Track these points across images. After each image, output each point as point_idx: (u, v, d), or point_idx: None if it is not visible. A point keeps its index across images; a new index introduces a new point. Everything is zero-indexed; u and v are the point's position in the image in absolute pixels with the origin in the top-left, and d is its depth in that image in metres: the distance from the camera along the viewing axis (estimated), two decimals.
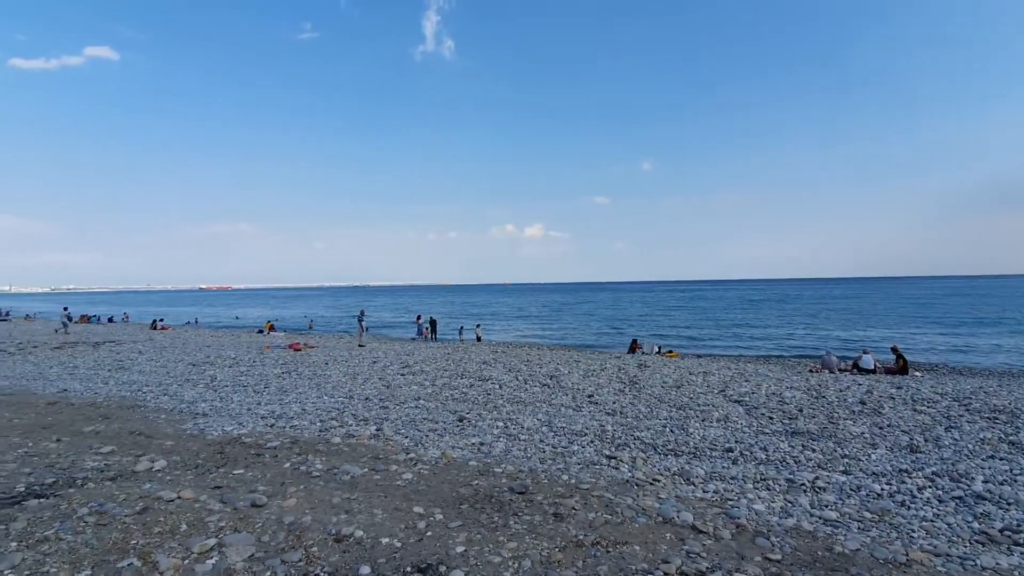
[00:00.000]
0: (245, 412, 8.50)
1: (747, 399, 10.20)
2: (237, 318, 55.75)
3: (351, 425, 7.73)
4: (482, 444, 6.89)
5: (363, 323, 24.91)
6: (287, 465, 5.51)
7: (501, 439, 7.19)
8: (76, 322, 35.96)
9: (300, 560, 3.36)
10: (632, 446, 7.01)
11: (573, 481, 5.29)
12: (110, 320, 42.20)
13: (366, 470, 5.39)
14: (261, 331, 32.05)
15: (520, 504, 4.49)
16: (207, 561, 3.30)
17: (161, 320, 35.52)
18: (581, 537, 3.83)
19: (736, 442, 7.17)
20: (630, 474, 5.72)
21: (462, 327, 30.45)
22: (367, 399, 9.87)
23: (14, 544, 3.55)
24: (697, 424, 8.21)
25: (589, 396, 10.46)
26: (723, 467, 6.11)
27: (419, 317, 31.86)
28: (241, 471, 5.26)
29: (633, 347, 23.48)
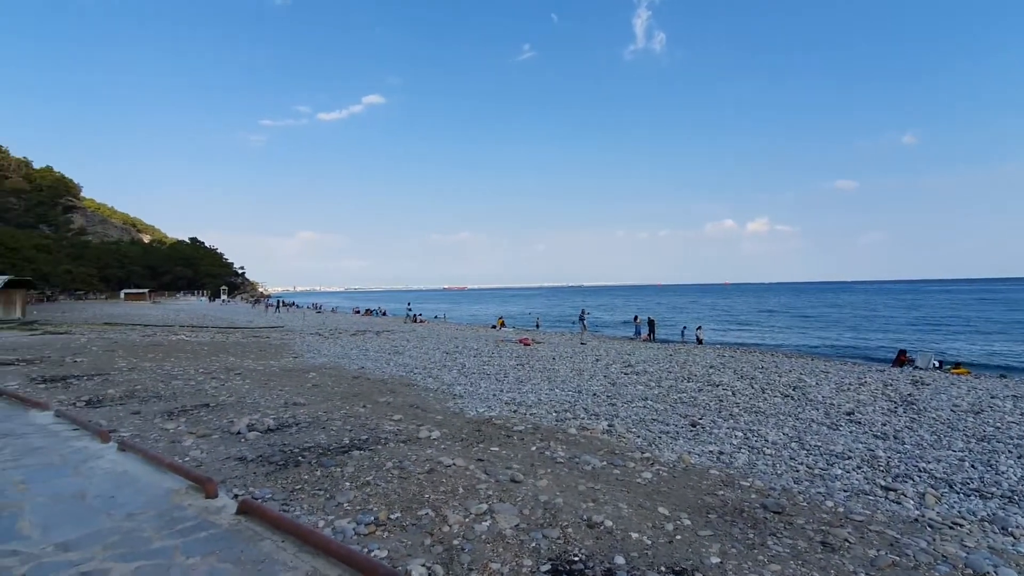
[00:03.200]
0: (492, 397, 9.61)
1: None
2: (474, 315, 63.23)
3: (583, 418, 8.09)
4: (721, 453, 6.52)
5: (584, 322, 25.78)
6: (533, 448, 6.05)
7: (742, 450, 6.69)
8: (362, 315, 45.47)
9: (559, 538, 3.66)
10: (916, 479, 5.80)
11: (841, 509, 4.62)
12: (384, 313, 52.18)
13: (605, 463, 5.58)
14: (494, 326, 35.75)
15: (777, 524, 4.12)
16: (483, 523, 3.84)
17: (419, 314, 42.50)
18: (862, 575, 3.33)
19: None
20: (918, 512, 4.75)
21: (684, 328, 29.12)
22: (595, 395, 10.20)
23: (347, 484, 4.66)
24: (1011, 461, 6.39)
25: (848, 414, 8.99)
26: None
27: (636, 317, 31.56)
28: (496, 449, 5.96)
29: (900, 359, 19.31)
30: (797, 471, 5.89)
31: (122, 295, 79.31)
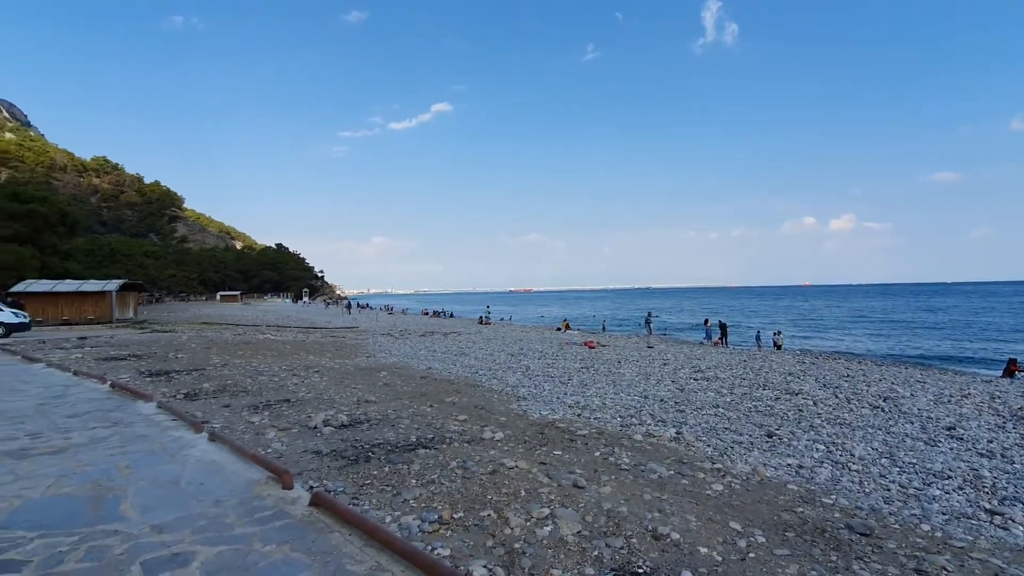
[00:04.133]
0: (555, 400, 9.55)
1: None
2: (542, 317, 63.27)
3: (649, 424, 7.86)
4: (800, 467, 6.11)
5: (651, 325, 25.08)
6: (597, 454, 5.95)
7: (824, 465, 6.23)
8: (429, 316, 46.84)
9: (622, 547, 3.56)
10: None
11: (939, 534, 4.18)
12: (451, 315, 53.50)
13: (672, 472, 5.39)
14: (559, 329, 35.57)
15: (864, 547, 3.79)
16: (544, 527, 3.81)
17: (484, 316, 43.18)
18: None
19: None
20: None
21: (759, 332, 27.61)
22: (662, 400, 9.88)
23: (413, 481, 4.78)
24: None
25: (948, 428, 8.14)
26: None
27: (707, 320, 30.26)
28: (559, 452, 5.91)
29: (1011, 368, 17.25)
30: (888, 490, 5.40)
31: (218, 297, 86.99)
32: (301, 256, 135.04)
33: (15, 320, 19.93)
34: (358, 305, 72.70)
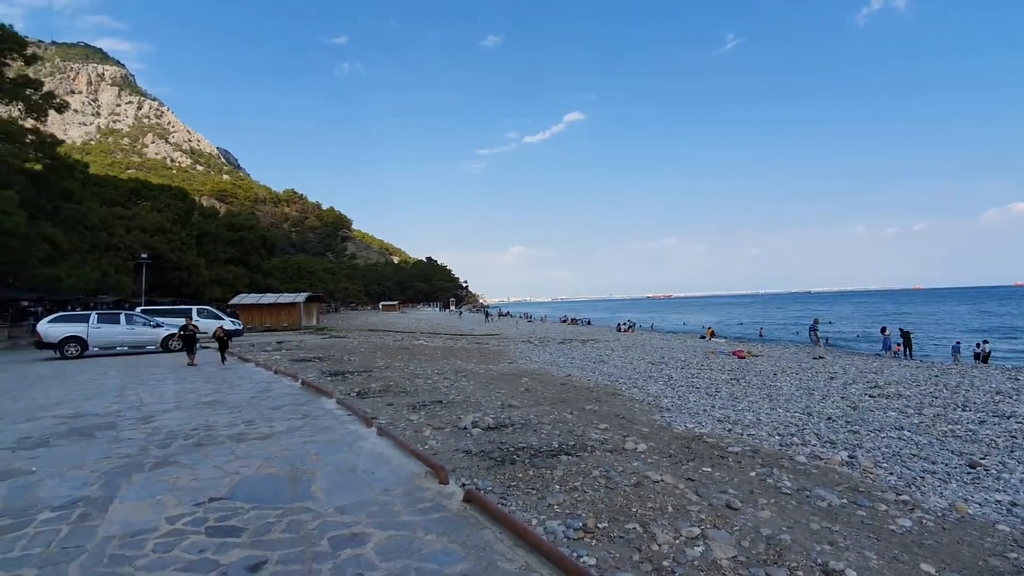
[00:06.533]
0: (702, 412, 9.03)
1: None
2: (684, 324, 60.08)
3: (814, 445, 7.05)
4: (1014, 504, 5.04)
5: (817, 333, 22.41)
6: (752, 474, 5.51)
7: None
8: (567, 323, 47.24)
9: None
10: None
11: None
12: (589, 322, 53.41)
13: (844, 501, 4.79)
14: (702, 337, 33.48)
15: None
16: (695, 548, 3.65)
17: (625, 323, 42.34)
18: None
19: None
20: None
21: (958, 343, 23.11)
22: (829, 419, 8.79)
23: (557, 487, 4.89)
24: None
25: None
26: None
27: (884, 328, 26.09)
28: (708, 469, 5.59)
29: None
30: None
31: (380, 306, 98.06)
32: (448, 268, 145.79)
33: (233, 327, 24.49)
34: (499, 313, 76.12)
